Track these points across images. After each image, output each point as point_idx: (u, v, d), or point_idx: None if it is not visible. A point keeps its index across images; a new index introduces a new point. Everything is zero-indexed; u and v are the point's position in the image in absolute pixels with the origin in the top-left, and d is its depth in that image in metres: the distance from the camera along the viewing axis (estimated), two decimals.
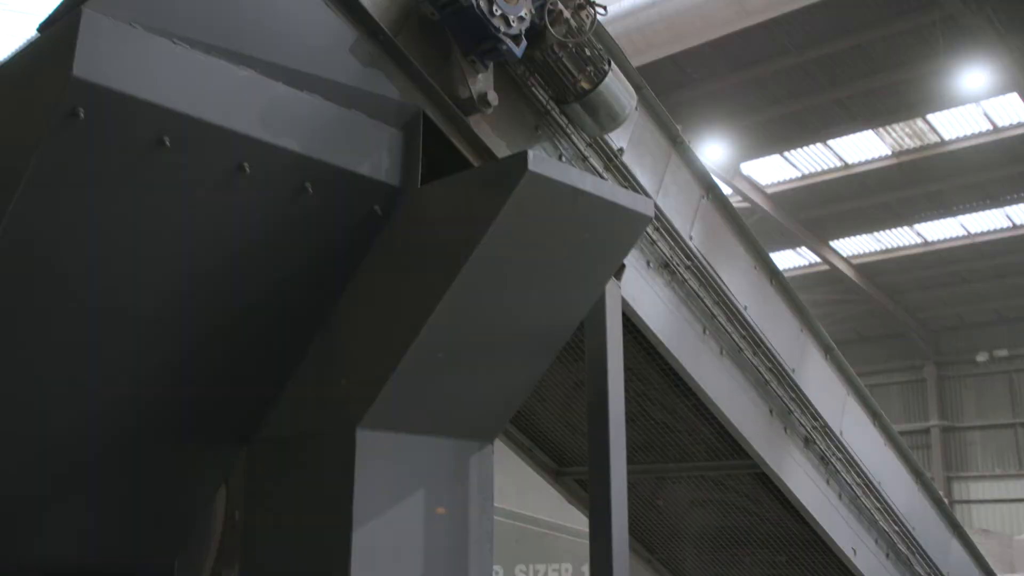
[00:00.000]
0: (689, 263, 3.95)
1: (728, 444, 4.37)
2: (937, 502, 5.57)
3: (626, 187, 3.48)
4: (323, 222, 2.77)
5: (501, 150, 3.12)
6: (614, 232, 2.85)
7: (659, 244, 3.82)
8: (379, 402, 2.68)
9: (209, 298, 2.74)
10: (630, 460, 3.36)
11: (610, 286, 3.21)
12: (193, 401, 2.92)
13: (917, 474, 5.43)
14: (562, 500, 5.41)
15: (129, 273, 2.57)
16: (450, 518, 2.88)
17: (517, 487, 6.55)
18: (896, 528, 5.08)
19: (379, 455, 2.72)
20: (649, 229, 3.75)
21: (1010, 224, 23.63)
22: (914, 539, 5.19)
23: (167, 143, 2.40)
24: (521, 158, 2.51)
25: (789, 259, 25.81)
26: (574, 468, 5.03)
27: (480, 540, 2.95)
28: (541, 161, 2.54)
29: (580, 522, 3.21)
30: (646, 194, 3.70)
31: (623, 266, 3.36)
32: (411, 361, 2.65)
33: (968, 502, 31.00)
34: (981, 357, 31.03)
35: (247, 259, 2.70)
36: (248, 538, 3.01)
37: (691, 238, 3.98)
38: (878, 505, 4.97)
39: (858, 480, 4.84)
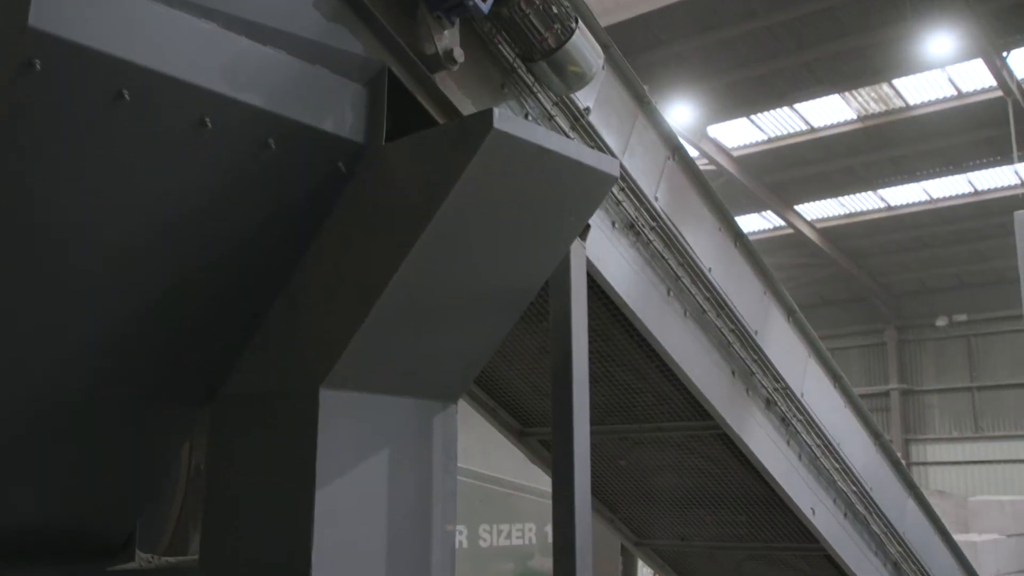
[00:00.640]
0: (654, 224, 3.95)
1: (691, 405, 4.40)
2: (895, 463, 5.66)
3: (592, 147, 3.46)
4: (286, 178, 2.73)
5: (467, 108, 3.09)
6: (579, 192, 2.84)
7: (624, 205, 3.81)
8: (343, 361, 2.66)
9: (170, 254, 2.71)
10: (593, 421, 3.37)
11: (575, 246, 3.20)
12: (154, 358, 2.89)
13: (876, 436, 5.50)
14: (526, 461, 5.44)
15: (87, 228, 2.52)
16: (413, 477, 2.88)
17: (482, 448, 6.57)
18: (854, 488, 5.15)
19: (342, 414, 2.71)
20: (614, 189, 3.74)
21: (972, 190, 23.88)
22: (871, 499, 5.27)
23: (127, 96, 2.35)
24: (486, 116, 2.48)
25: (754, 223, 25.96)
26: (538, 429, 5.05)
27: (444, 500, 2.95)
28: (507, 119, 2.52)
29: (544, 482, 3.23)
30: (612, 154, 3.69)
31: (588, 226, 3.36)
32: (375, 320, 2.63)
33: (925, 464, 31.57)
34: (941, 322, 31.46)
35: (209, 215, 2.66)
36: (211, 497, 2.99)
37: (656, 199, 3.98)
38: (837, 466, 5.04)
39: (818, 441, 4.90)
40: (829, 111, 19.69)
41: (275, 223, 2.80)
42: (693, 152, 17.27)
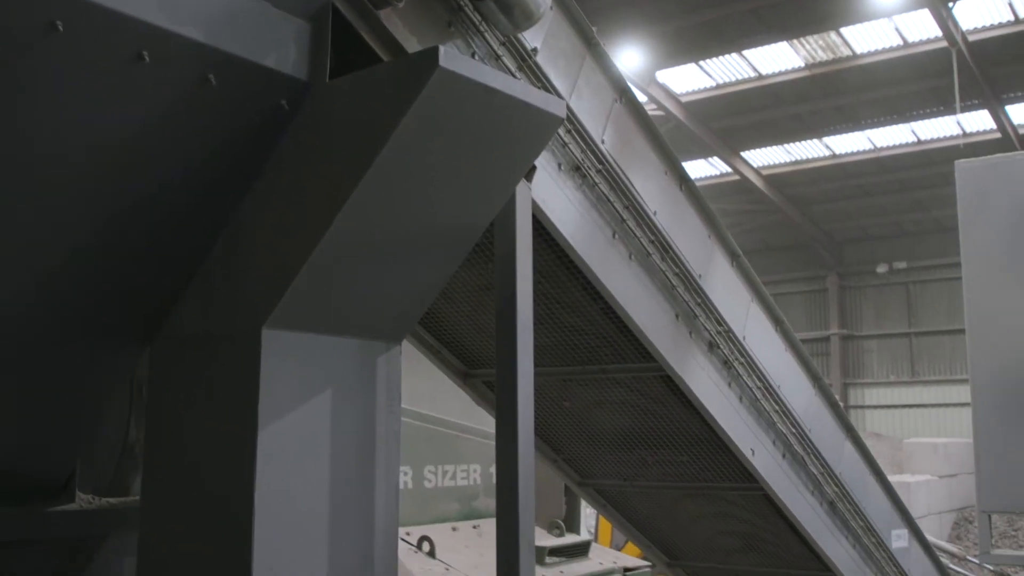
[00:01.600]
0: (600, 167, 3.95)
1: (635, 347, 4.44)
2: (833, 406, 5.77)
3: (539, 88, 3.44)
4: (227, 115, 2.69)
5: (412, 46, 3.05)
6: (525, 132, 2.83)
7: (571, 147, 3.80)
8: (285, 301, 2.64)
9: (108, 191, 2.65)
10: (538, 362, 3.39)
11: (520, 187, 3.19)
12: (92, 296, 2.85)
13: (815, 379, 5.60)
14: (472, 402, 5.47)
15: (20, 162, 2.46)
16: (357, 418, 2.88)
17: (428, 390, 6.59)
18: (793, 430, 5.25)
19: (285, 355, 2.69)
20: (561, 131, 3.73)
21: (915, 139, 24.21)
22: (809, 441, 5.38)
23: (60, 28, 2.28)
24: (432, 54, 2.46)
25: (701, 168, 26.12)
26: (483, 370, 5.07)
27: (387, 440, 2.96)
28: (452, 58, 2.50)
29: (489, 424, 3.25)
30: (559, 96, 3.67)
31: (534, 167, 3.34)
32: (318, 260, 2.61)
33: (863, 407, 32.33)
34: (881, 269, 32.06)
35: (147, 151, 2.61)
36: (152, 438, 2.97)
37: (603, 142, 3.97)
38: (777, 408, 5.13)
39: (759, 384, 4.98)
40: (777, 58, 19.78)
41: (216, 161, 2.75)
42: (641, 97, 17.24)
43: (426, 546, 6.09)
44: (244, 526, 2.56)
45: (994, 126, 22.23)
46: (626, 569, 7.17)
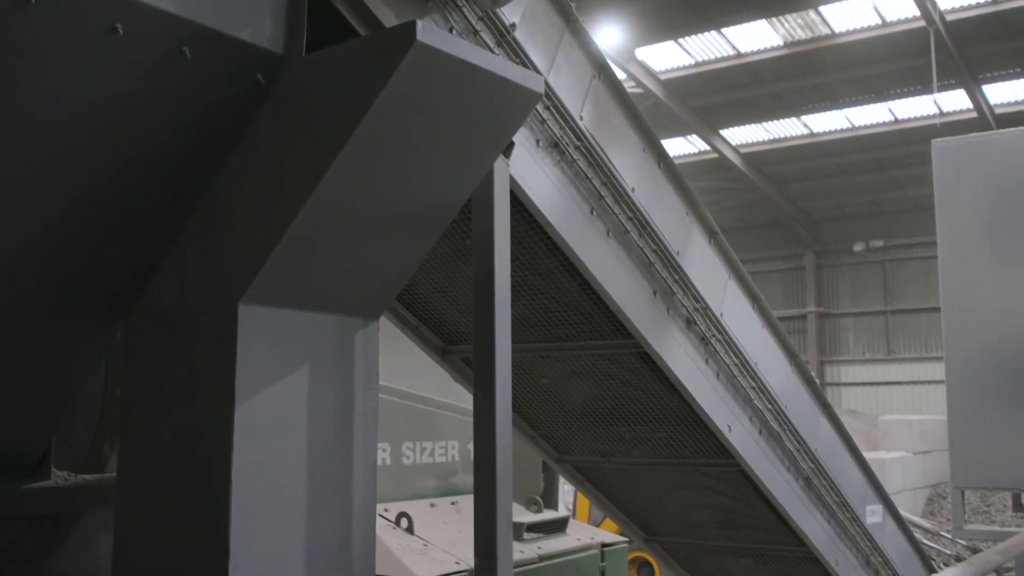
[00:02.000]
0: (579, 143, 3.94)
1: (612, 324, 4.45)
2: (809, 383, 5.81)
3: (517, 64, 3.42)
4: (203, 89, 2.66)
5: (390, 20, 3.02)
6: (503, 108, 2.82)
7: (549, 123, 3.79)
8: (262, 277, 2.62)
9: (82, 165, 2.63)
10: (516, 339, 3.39)
11: (498, 163, 3.18)
12: (66, 271, 2.82)
13: (792, 356, 5.63)
14: (450, 379, 5.47)
15: None
16: (334, 395, 2.87)
17: (407, 367, 6.59)
18: (769, 407, 5.29)
19: (262, 331, 2.68)
20: (539, 107, 3.72)
21: (892, 118, 24.31)
22: (786, 417, 5.41)
23: (33, 0, 2.25)
24: (409, 28, 2.44)
25: (680, 146, 26.14)
26: (461, 347, 5.07)
27: (365, 417, 2.96)
28: (430, 32, 2.48)
29: (467, 400, 3.26)
30: (537, 72, 3.66)
31: (512, 144, 3.33)
32: (294, 235, 2.60)
33: (839, 384, 32.59)
34: (858, 247, 32.25)
35: (121, 124, 2.59)
36: (128, 415, 2.96)
37: (581, 118, 3.96)
38: (754, 385, 5.16)
39: (736, 360, 5.00)
40: (756, 37, 19.79)
41: (191, 135, 2.73)
42: (621, 74, 17.22)
43: (404, 522, 6.11)
44: (221, 503, 2.55)
45: (971, 106, 22.34)
46: (604, 545, 7.22)
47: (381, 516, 6.10)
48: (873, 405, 30.88)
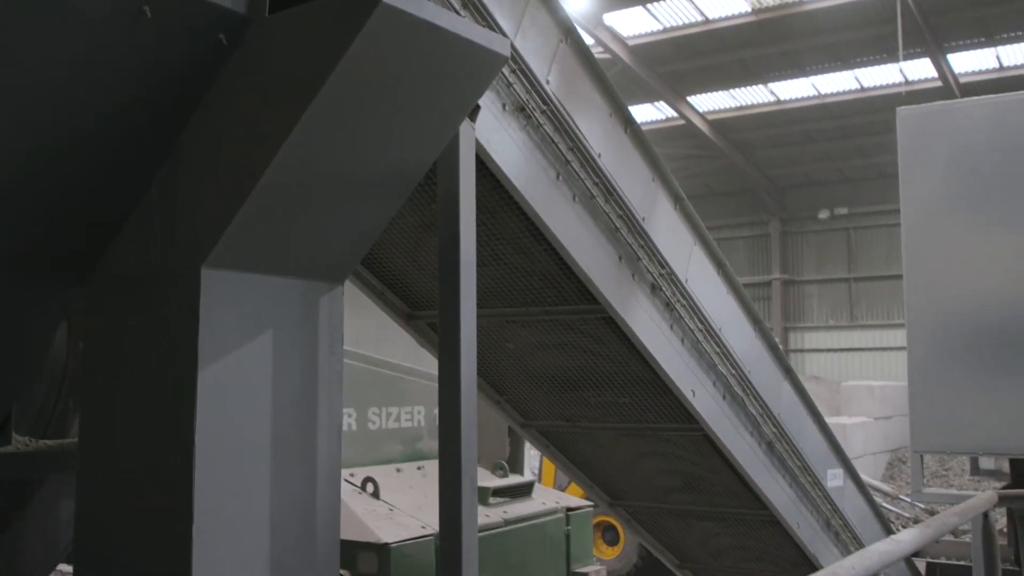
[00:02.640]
0: (545, 108, 3.93)
1: (578, 289, 4.46)
2: (772, 348, 5.86)
3: (483, 26, 3.40)
4: (164, 49, 2.62)
5: None
6: (469, 71, 2.79)
7: (515, 87, 3.77)
8: (225, 240, 2.59)
9: (41, 126, 2.58)
10: (481, 304, 3.39)
11: (464, 127, 3.15)
12: (25, 236, 2.78)
13: (756, 322, 5.67)
14: (416, 344, 5.47)
15: None
16: (299, 359, 2.86)
17: (372, 332, 6.58)
18: (733, 372, 5.33)
19: (225, 295, 2.65)
20: (505, 71, 3.70)
21: (858, 86, 24.39)
22: (749, 382, 5.47)
23: None
24: None
25: (647, 112, 26.09)
26: (426, 311, 5.06)
27: (330, 381, 2.94)
28: None
29: (434, 366, 3.25)
30: (503, 34, 3.63)
31: (478, 107, 3.31)
32: (258, 198, 2.57)
33: (802, 351, 32.90)
34: (823, 214, 32.44)
35: (81, 85, 2.54)
36: (90, 380, 2.93)
37: (548, 83, 3.94)
38: (718, 350, 5.20)
39: (700, 326, 5.03)
40: (724, 3, 19.75)
41: (153, 95, 2.68)
42: (588, 39, 17.16)
43: (370, 487, 6.12)
44: (185, 467, 2.54)
45: (935, 75, 22.46)
46: (568, 509, 7.28)
47: (347, 481, 6.11)
48: (836, 371, 31.21)
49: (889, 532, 7.12)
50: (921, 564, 8.55)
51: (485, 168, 3.67)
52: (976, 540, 5.59)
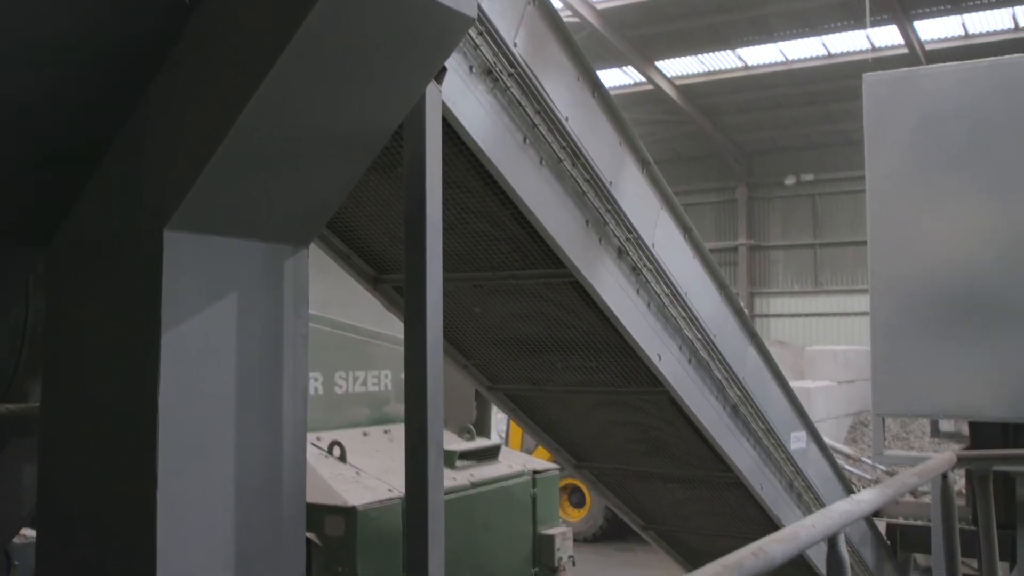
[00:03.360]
0: (512, 70, 3.90)
1: (545, 253, 4.46)
2: (738, 313, 5.90)
3: None
4: (124, 9, 2.57)
5: None
6: (435, 32, 2.77)
7: (482, 49, 3.74)
8: (188, 202, 2.57)
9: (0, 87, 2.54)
10: (447, 268, 3.38)
11: (430, 89, 3.13)
12: None
13: (721, 286, 5.71)
14: (383, 309, 5.45)
15: None
16: (263, 322, 2.84)
17: (339, 296, 6.55)
18: (699, 336, 5.37)
19: (188, 257, 2.63)
20: (472, 32, 3.67)
21: (825, 52, 24.43)
22: (715, 346, 5.50)
23: None
24: None
25: (615, 77, 26.04)
26: (392, 275, 5.04)
27: (295, 344, 2.93)
28: None
29: (401, 330, 3.24)
30: None
31: (444, 69, 3.28)
32: (221, 159, 2.54)
33: (768, 316, 33.18)
34: (789, 180, 32.60)
35: (40, 45, 2.49)
36: (52, 343, 2.90)
37: (515, 45, 3.92)
38: (684, 314, 5.22)
39: (666, 290, 5.05)
40: None
41: (113, 56, 2.64)
42: (557, 3, 17.05)
43: (337, 451, 6.13)
44: (148, 432, 2.52)
45: (902, 42, 22.55)
46: (535, 472, 7.34)
47: (314, 445, 6.11)
48: (800, 336, 31.51)
49: (851, 493, 7.22)
50: (881, 525, 8.69)
51: (451, 131, 3.65)
52: (935, 500, 5.69)
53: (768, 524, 6.15)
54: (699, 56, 24.98)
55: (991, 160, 7.90)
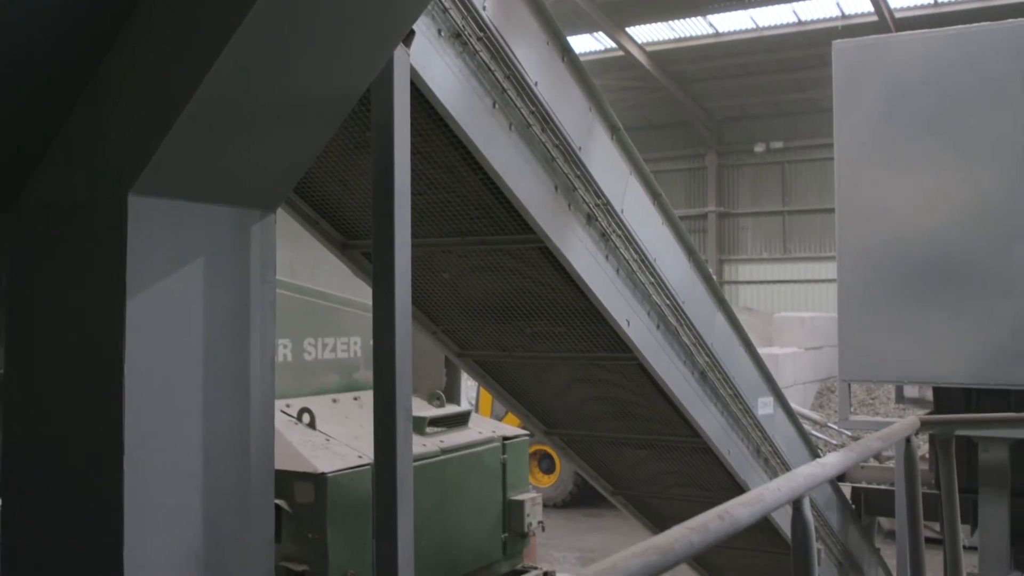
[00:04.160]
0: (482, 34, 3.87)
1: (514, 219, 4.45)
2: (706, 279, 5.92)
3: None
4: None
5: None
6: None
7: (451, 12, 3.71)
8: (152, 166, 2.53)
9: None
10: (416, 233, 3.36)
11: (398, 52, 3.10)
12: None
13: (690, 252, 5.72)
14: (352, 275, 5.43)
15: None
16: (230, 288, 2.82)
17: (308, 264, 6.52)
18: (668, 302, 5.38)
19: (153, 222, 2.60)
20: None
21: (796, 19, 24.46)
22: (683, 312, 5.53)
23: None
24: None
25: (586, 43, 25.96)
26: (361, 241, 5.02)
27: (262, 311, 2.91)
28: None
29: (370, 296, 3.22)
30: None
31: (412, 32, 3.25)
32: (186, 122, 2.50)
33: (736, 283, 33.41)
34: (759, 148, 32.74)
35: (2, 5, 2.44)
36: (14, 311, 2.86)
37: (485, 8, 3.88)
38: (652, 280, 5.24)
39: (635, 256, 5.06)
40: None
41: (74, 19, 2.59)
42: None
43: (306, 417, 6.11)
44: (114, 399, 2.50)
45: (872, 9, 22.60)
46: (505, 438, 7.35)
47: (283, 412, 6.09)
48: (768, 302, 31.78)
49: (816, 458, 7.31)
50: (847, 489, 8.81)
51: (420, 95, 3.62)
52: (899, 464, 5.77)
53: (735, 489, 6.21)
54: (670, 22, 24.94)
55: (958, 128, 7.96)
